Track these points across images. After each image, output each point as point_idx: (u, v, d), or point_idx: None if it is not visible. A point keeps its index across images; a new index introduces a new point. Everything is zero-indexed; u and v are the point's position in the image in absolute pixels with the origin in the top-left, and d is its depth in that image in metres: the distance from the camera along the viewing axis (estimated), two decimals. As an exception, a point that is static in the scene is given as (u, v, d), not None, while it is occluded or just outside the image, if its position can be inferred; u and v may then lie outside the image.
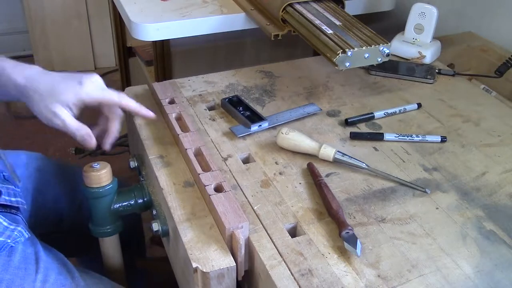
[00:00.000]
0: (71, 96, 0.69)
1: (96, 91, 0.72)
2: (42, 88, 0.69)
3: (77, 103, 0.70)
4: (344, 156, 0.75)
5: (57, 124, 0.69)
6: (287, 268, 0.59)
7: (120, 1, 1.09)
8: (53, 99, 0.69)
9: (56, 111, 0.69)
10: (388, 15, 1.29)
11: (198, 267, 0.60)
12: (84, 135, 0.71)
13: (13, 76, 0.69)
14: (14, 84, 0.69)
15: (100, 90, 0.72)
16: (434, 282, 0.59)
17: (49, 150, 1.82)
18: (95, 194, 0.77)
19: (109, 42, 2.36)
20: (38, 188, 0.88)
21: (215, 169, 0.70)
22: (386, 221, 0.67)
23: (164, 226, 0.73)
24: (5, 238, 0.69)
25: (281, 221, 0.66)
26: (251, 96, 0.93)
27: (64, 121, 0.69)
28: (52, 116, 0.69)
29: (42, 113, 0.69)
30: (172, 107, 0.83)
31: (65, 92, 0.69)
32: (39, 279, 0.70)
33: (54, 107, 0.69)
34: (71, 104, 0.70)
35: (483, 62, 1.06)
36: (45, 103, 0.69)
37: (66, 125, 0.69)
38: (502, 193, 0.73)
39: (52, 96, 0.69)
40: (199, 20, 1.04)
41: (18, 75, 0.69)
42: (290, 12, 0.94)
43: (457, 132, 0.85)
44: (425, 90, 0.97)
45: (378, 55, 0.83)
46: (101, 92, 0.72)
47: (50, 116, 0.69)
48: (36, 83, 0.69)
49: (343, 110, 0.90)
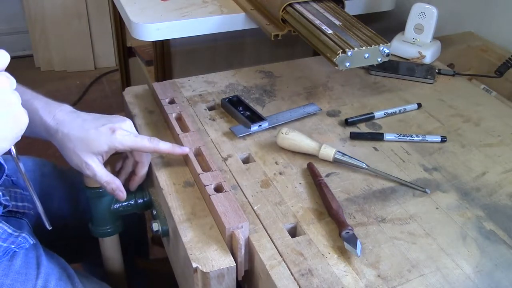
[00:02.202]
0: (104, 146, 0.68)
1: (129, 139, 0.69)
2: (73, 134, 0.67)
3: (109, 151, 0.69)
4: (344, 156, 0.75)
5: (87, 174, 0.69)
6: (287, 268, 0.59)
7: (120, 1, 1.09)
8: (84, 147, 0.67)
9: (88, 161, 0.68)
10: (388, 15, 1.29)
11: (198, 267, 0.60)
12: (114, 189, 0.71)
13: (44, 119, 0.68)
14: (44, 127, 0.68)
15: (132, 137, 0.70)
16: (434, 282, 0.59)
17: (49, 150, 1.81)
18: (95, 194, 0.77)
19: (109, 42, 2.36)
20: (44, 193, 0.88)
21: (215, 169, 0.70)
22: (386, 221, 0.67)
23: (164, 226, 0.73)
24: (8, 244, 0.69)
25: (281, 221, 0.66)
26: (251, 96, 0.93)
27: (95, 172, 0.69)
28: (84, 166, 0.68)
29: (72, 161, 0.69)
30: (172, 107, 0.83)
31: (97, 142, 0.67)
32: (39, 284, 0.70)
33: (85, 157, 0.68)
34: (104, 153, 0.69)
35: (483, 62, 1.06)
36: (75, 151, 0.67)
37: (97, 176, 0.69)
38: (502, 193, 0.73)
39: (84, 145, 0.67)
40: (199, 20, 1.04)
41: (48, 117, 0.68)
42: (290, 12, 0.94)
43: (457, 132, 0.85)
44: (425, 90, 0.97)
45: (378, 55, 0.83)
46: (133, 140, 0.69)
47: (81, 166, 0.68)
48: (67, 128, 0.67)
49: (343, 110, 0.90)
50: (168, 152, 0.73)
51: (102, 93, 2.27)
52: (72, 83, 2.33)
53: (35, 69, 2.39)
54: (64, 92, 2.25)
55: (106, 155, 0.70)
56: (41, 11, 2.22)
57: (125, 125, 0.70)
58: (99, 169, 0.69)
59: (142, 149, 0.71)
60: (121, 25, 1.62)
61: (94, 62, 2.41)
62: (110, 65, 2.42)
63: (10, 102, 0.50)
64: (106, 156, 0.71)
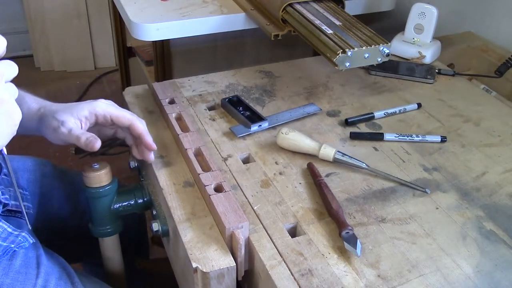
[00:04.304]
0: (84, 110, 0.70)
1: (110, 107, 0.72)
2: (56, 106, 0.71)
3: (88, 116, 0.70)
4: (344, 156, 0.75)
5: (63, 132, 0.69)
6: (287, 268, 0.59)
7: (120, 1, 1.09)
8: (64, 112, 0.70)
9: (65, 119, 0.69)
10: (388, 15, 1.29)
11: (198, 267, 0.60)
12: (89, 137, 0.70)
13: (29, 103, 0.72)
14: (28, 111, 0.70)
15: (113, 106, 0.73)
16: (434, 282, 0.59)
17: (49, 150, 1.82)
18: (95, 194, 0.77)
19: (109, 42, 2.36)
20: (44, 193, 0.88)
21: (215, 169, 0.70)
22: (386, 221, 0.67)
23: (164, 226, 0.73)
24: (8, 243, 0.69)
25: (281, 221, 0.66)
26: (251, 96, 0.93)
27: (71, 128, 0.69)
28: (60, 125, 0.69)
29: (50, 125, 0.69)
30: (172, 107, 0.83)
31: (78, 106, 0.70)
32: (39, 284, 0.70)
33: (63, 117, 0.69)
34: (83, 117, 0.70)
35: (483, 62, 1.06)
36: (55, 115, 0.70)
37: (72, 130, 0.69)
38: (502, 193, 0.73)
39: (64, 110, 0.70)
40: (199, 20, 1.04)
41: (33, 102, 0.72)
42: (290, 12, 0.94)
43: (457, 132, 0.85)
44: (425, 90, 0.97)
45: (378, 55, 0.83)
46: (114, 108, 0.72)
47: (58, 126, 0.69)
48: (49, 105, 0.72)
49: (343, 110, 0.90)
50: (140, 133, 0.72)
51: (102, 93, 2.27)
52: (72, 83, 2.33)
53: (35, 69, 2.39)
54: (64, 92, 2.25)
55: (85, 122, 0.71)
56: (41, 11, 2.22)
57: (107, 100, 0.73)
58: (75, 126, 0.70)
59: (121, 118, 0.72)
60: (121, 25, 1.62)
61: (94, 62, 2.41)
62: (110, 65, 2.42)
63: (2, 99, 0.51)
64: (86, 123, 0.71)
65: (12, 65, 0.53)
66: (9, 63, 0.52)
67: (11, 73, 0.53)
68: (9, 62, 0.52)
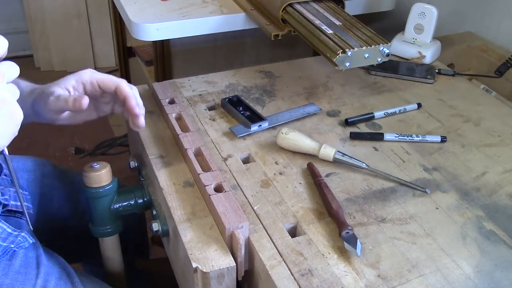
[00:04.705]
0: (71, 80, 0.71)
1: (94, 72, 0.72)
2: (45, 85, 0.71)
3: (75, 85, 0.71)
4: (344, 156, 0.75)
5: (52, 100, 0.68)
6: (287, 268, 0.59)
7: (120, 1, 1.09)
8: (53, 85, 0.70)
9: (54, 90, 0.69)
10: (388, 15, 1.29)
11: (198, 267, 0.60)
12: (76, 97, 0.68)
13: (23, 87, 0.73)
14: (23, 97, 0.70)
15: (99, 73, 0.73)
16: (434, 282, 0.59)
17: (49, 150, 1.82)
18: (95, 194, 0.77)
19: (109, 42, 2.36)
20: (44, 193, 0.88)
21: (215, 169, 0.70)
22: (386, 221, 0.67)
23: (164, 226, 0.73)
24: (8, 243, 0.69)
25: (281, 221, 0.66)
26: (251, 96, 0.93)
27: (59, 94, 0.69)
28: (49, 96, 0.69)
29: (41, 99, 0.70)
30: (172, 107, 0.83)
31: (65, 78, 0.71)
32: (39, 284, 0.70)
33: (52, 89, 0.70)
34: (70, 86, 0.70)
35: (483, 62, 1.06)
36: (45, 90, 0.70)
37: (60, 97, 0.68)
38: (502, 193, 0.73)
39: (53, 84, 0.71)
40: (199, 20, 1.04)
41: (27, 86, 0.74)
42: (290, 12, 0.94)
43: (457, 132, 0.85)
44: (425, 90, 0.97)
45: (378, 55, 0.83)
46: (99, 73, 0.72)
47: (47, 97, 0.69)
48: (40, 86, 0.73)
49: (343, 110, 0.90)
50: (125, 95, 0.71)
51: (102, 93, 2.27)
52: (72, 83, 2.32)
53: (35, 69, 2.39)
54: (64, 92, 2.25)
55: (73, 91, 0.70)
56: (41, 11, 2.22)
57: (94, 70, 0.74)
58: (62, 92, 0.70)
59: (106, 81, 0.71)
60: (121, 25, 1.62)
61: (94, 62, 2.41)
62: (110, 65, 2.42)
63: (4, 99, 0.51)
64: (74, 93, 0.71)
65: (13, 65, 0.53)
66: (10, 63, 0.52)
67: (13, 74, 0.53)
68: (10, 63, 0.52)
